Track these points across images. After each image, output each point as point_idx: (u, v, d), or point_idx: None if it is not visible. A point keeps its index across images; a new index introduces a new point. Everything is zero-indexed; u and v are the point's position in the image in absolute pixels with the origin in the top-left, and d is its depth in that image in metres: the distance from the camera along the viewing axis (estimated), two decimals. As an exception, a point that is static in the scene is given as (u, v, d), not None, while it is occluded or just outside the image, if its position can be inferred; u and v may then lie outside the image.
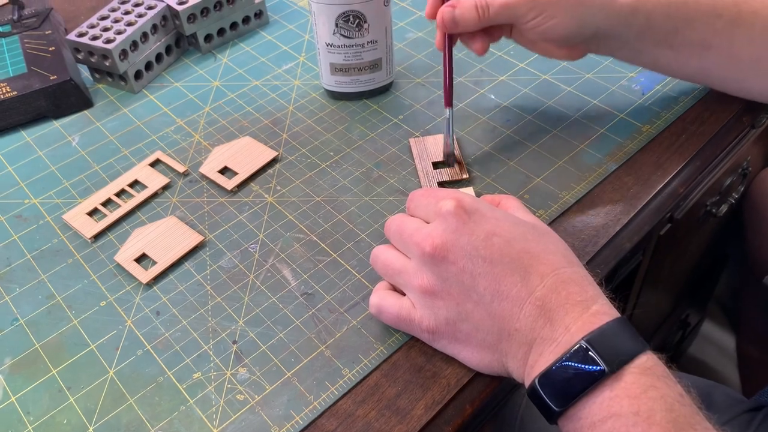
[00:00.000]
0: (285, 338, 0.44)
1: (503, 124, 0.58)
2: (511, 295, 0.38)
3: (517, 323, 0.37)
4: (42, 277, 0.49)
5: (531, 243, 0.39)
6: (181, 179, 0.56)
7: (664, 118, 0.58)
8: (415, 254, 0.41)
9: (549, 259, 0.39)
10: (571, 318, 0.36)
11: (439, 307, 0.40)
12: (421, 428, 0.40)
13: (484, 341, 0.39)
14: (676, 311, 1.01)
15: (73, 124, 0.62)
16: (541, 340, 0.37)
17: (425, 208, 0.42)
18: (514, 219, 0.41)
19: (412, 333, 0.43)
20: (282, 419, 0.40)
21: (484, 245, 0.39)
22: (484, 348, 0.40)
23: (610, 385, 0.34)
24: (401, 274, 0.42)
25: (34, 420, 0.41)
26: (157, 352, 0.44)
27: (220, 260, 0.49)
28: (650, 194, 0.52)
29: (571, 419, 0.35)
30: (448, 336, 0.41)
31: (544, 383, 0.36)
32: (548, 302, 0.37)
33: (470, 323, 0.39)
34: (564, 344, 0.36)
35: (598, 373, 0.34)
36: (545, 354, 0.36)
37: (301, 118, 0.61)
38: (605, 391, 0.34)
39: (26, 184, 0.56)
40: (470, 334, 0.40)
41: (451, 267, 0.39)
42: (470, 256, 0.39)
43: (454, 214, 0.40)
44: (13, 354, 0.45)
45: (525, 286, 0.38)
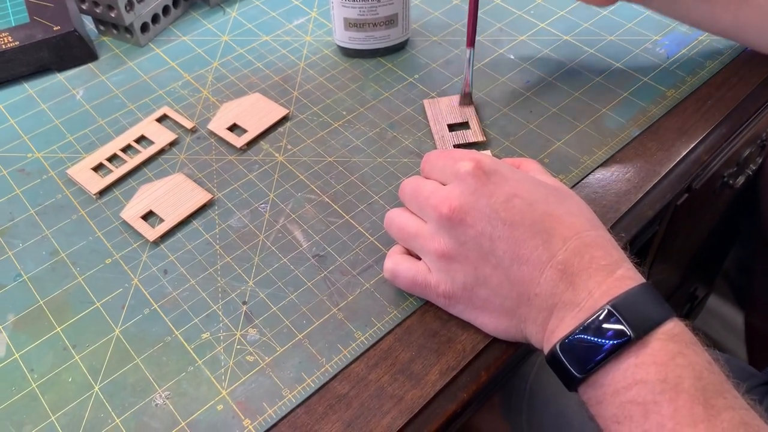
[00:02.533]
0: (296, 300, 0.43)
1: (523, 85, 0.56)
2: (532, 258, 0.36)
3: (537, 288, 0.36)
4: (46, 232, 0.48)
5: (553, 205, 0.38)
6: (188, 136, 0.54)
7: (690, 83, 0.56)
8: (432, 217, 0.39)
9: (572, 221, 0.37)
10: (595, 282, 0.35)
11: (456, 272, 0.39)
12: (436, 394, 0.39)
13: (502, 306, 0.38)
14: (684, 284, 1.00)
15: (77, 77, 0.60)
16: (562, 305, 0.35)
17: (442, 169, 0.41)
18: (535, 181, 0.40)
19: (428, 298, 0.42)
20: (293, 381, 0.39)
21: (504, 207, 0.37)
22: (502, 313, 0.39)
23: (636, 351, 0.33)
24: (417, 238, 0.40)
25: (39, 377, 0.40)
26: (164, 311, 0.43)
27: (229, 219, 0.48)
28: (674, 161, 0.50)
29: (592, 386, 0.34)
30: (465, 301, 0.40)
31: (566, 349, 0.34)
32: (570, 266, 0.35)
33: (488, 288, 0.38)
34: (587, 309, 0.34)
35: (623, 339, 0.33)
36: (566, 319, 0.35)
37: (312, 75, 0.59)
38: (630, 358, 0.33)
39: (29, 138, 0.55)
40: (488, 299, 0.39)
41: (470, 230, 0.37)
42: (489, 218, 0.37)
43: (472, 174, 0.38)
44: (17, 310, 0.44)
45: (546, 249, 0.36)
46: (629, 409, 0.32)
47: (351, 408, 0.38)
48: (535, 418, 0.60)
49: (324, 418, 0.38)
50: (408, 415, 0.38)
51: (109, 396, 0.39)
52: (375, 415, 0.38)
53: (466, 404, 0.39)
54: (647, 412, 0.31)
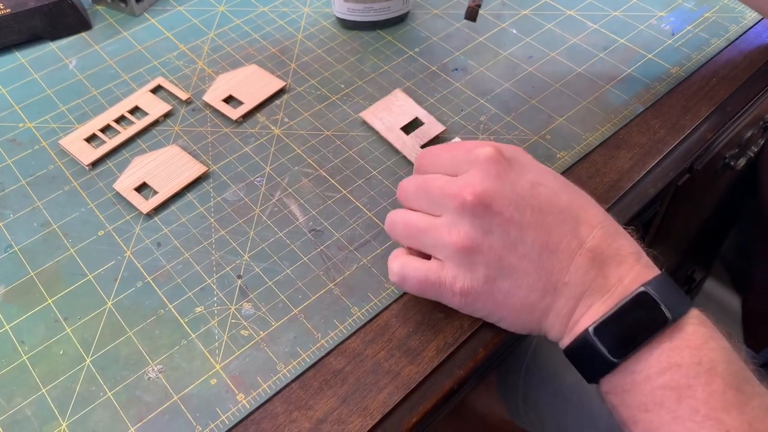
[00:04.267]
0: (292, 274, 0.42)
1: (525, 60, 0.55)
2: (561, 246, 0.35)
3: (567, 276, 0.35)
4: (37, 203, 0.47)
5: (574, 194, 0.37)
6: (183, 107, 0.53)
7: (695, 60, 0.55)
8: (451, 208, 0.36)
9: (594, 210, 0.37)
10: (625, 269, 0.34)
11: (478, 264, 0.35)
12: (433, 370, 0.38)
13: (526, 299, 0.35)
14: (682, 267, 0.99)
15: (71, 47, 0.59)
16: (591, 292, 0.34)
17: (451, 161, 0.38)
18: (550, 169, 0.39)
19: (442, 298, 0.38)
20: (288, 356, 0.39)
21: (530, 194, 0.35)
22: (524, 307, 0.36)
23: (671, 334, 0.32)
24: (429, 233, 0.37)
25: (29, 350, 0.40)
26: (157, 284, 0.42)
27: (224, 192, 0.47)
28: (678, 139, 0.50)
29: (621, 373, 0.33)
30: (484, 296, 0.36)
31: (601, 333, 0.33)
32: (600, 253, 0.35)
33: (512, 280, 0.35)
34: (619, 294, 0.34)
35: (661, 321, 0.32)
36: (596, 305, 0.34)
37: (310, 47, 0.58)
38: (665, 342, 0.32)
39: (21, 108, 0.53)
40: (510, 292, 0.36)
41: (497, 217, 0.35)
42: (518, 205, 0.35)
43: (494, 160, 0.36)
44: (7, 282, 0.43)
45: (575, 236, 0.35)
46: (661, 395, 0.31)
47: (346, 383, 0.38)
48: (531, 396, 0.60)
49: (319, 393, 0.37)
50: (404, 391, 0.37)
51: (100, 369, 0.39)
52: (371, 390, 0.37)
53: (463, 381, 0.39)
54: (680, 397, 0.31)
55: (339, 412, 0.37)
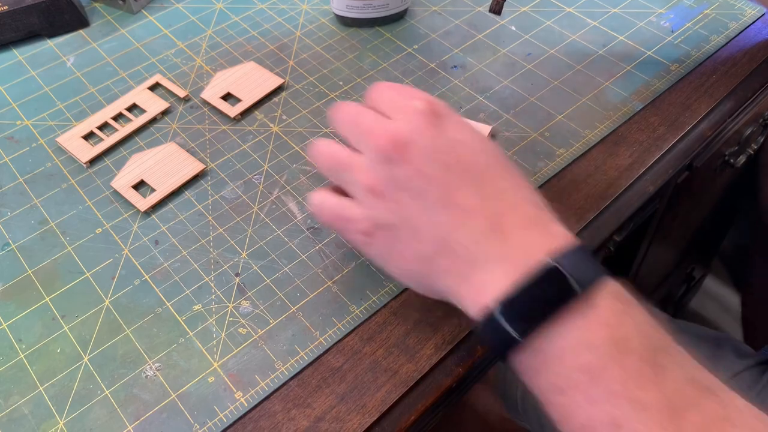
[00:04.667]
0: (290, 272, 0.42)
1: (524, 57, 0.55)
2: (462, 205, 0.33)
3: (463, 237, 0.33)
4: (35, 201, 0.47)
5: (493, 160, 0.35)
6: (181, 105, 0.53)
7: (694, 58, 0.54)
8: (369, 148, 0.35)
9: (511, 179, 0.35)
10: (531, 237, 0.32)
11: (382, 209, 0.35)
12: (431, 368, 0.38)
13: (419, 252, 0.34)
14: (681, 265, 0.99)
15: (68, 44, 0.58)
16: (492, 259, 0.32)
17: (390, 102, 0.37)
18: (485, 138, 0.37)
19: (347, 235, 0.38)
20: (286, 354, 0.39)
21: (446, 150, 0.34)
22: (418, 260, 0.35)
23: (582, 311, 0.30)
24: (348, 169, 0.36)
25: (27, 348, 0.39)
26: (155, 282, 0.42)
27: (222, 190, 0.47)
28: (677, 136, 0.49)
29: (531, 352, 0.31)
30: (383, 243, 0.36)
31: (506, 309, 0.31)
32: (503, 218, 0.33)
33: (410, 230, 0.34)
34: (522, 264, 0.31)
35: (569, 295, 0.30)
36: (498, 275, 0.32)
37: (308, 44, 0.57)
38: (577, 319, 0.30)
39: (18, 105, 0.53)
40: (407, 243, 0.35)
41: (407, 167, 0.34)
42: (429, 158, 0.34)
43: (423, 113, 0.35)
44: (5, 280, 0.43)
45: (479, 197, 0.33)
46: (574, 376, 0.29)
47: (345, 381, 0.38)
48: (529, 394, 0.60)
49: (317, 391, 0.37)
50: (402, 389, 0.37)
51: (98, 367, 0.39)
52: (369, 388, 0.37)
53: (462, 379, 0.39)
54: (595, 378, 0.29)
55: (337, 410, 0.37)
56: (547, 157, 0.48)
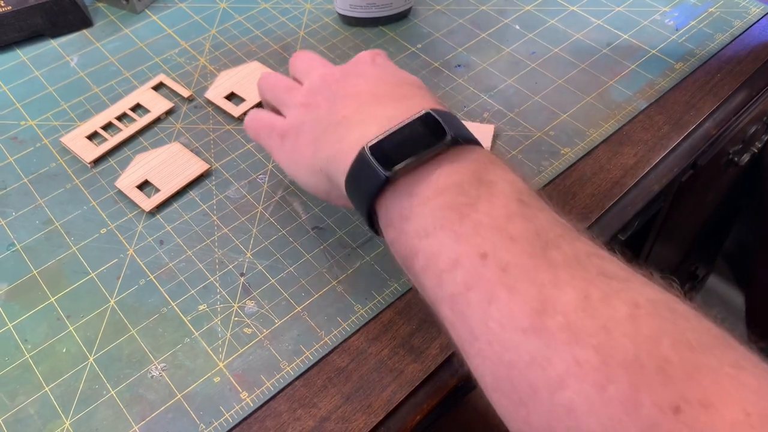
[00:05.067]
0: (295, 272, 0.42)
1: (528, 56, 0.55)
2: (356, 94, 0.35)
3: (348, 110, 0.35)
4: (39, 201, 0.47)
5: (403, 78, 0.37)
6: (185, 104, 0.53)
7: (699, 56, 0.54)
8: (312, 77, 0.39)
9: (416, 89, 0.36)
10: (410, 102, 0.33)
11: (303, 116, 0.38)
12: (436, 368, 0.38)
13: (314, 138, 0.37)
14: (685, 263, 0.99)
15: (72, 44, 0.58)
16: (368, 117, 0.33)
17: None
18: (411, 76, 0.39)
19: (267, 140, 0.41)
20: (291, 354, 0.39)
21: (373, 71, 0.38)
22: (311, 144, 0.37)
23: (451, 157, 0.30)
24: (288, 92, 0.41)
25: (32, 348, 0.40)
26: (160, 282, 0.42)
27: (226, 190, 0.47)
28: (682, 135, 0.49)
29: (400, 196, 0.30)
30: (291, 141, 0.39)
31: (377, 149, 0.31)
32: (386, 92, 0.35)
33: (314, 124, 0.37)
34: (398, 117, 0.32)
35: (439, 135, 0.30)
36: (372, 128, 0.32)
37: (312, 44, 0.57)
38: (445, 163, 0.30)
39: (22, 105, 0.53)
40: (307, 134, 0.37)
41: (335, 84, 0.38)
42: (354, 74, 0.38)
43: (366, 55, 0.40)
44: (10, 280, 0.43)
45: (370, 85, 0.36)
46: (442, 216, 0.29)
47: (350, 381, 0.38)
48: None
49: (323, 391, 0.37)
50: (408, 389, 0.37)
51: (103, 367, 0.39)
52: (374, 388, 0.37)
53: (467, 379, 0.39)
54: (462, 215, 0.29)
55: (343, 410, 0.37)
56: (551, 156, 0.48)
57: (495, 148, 0.48)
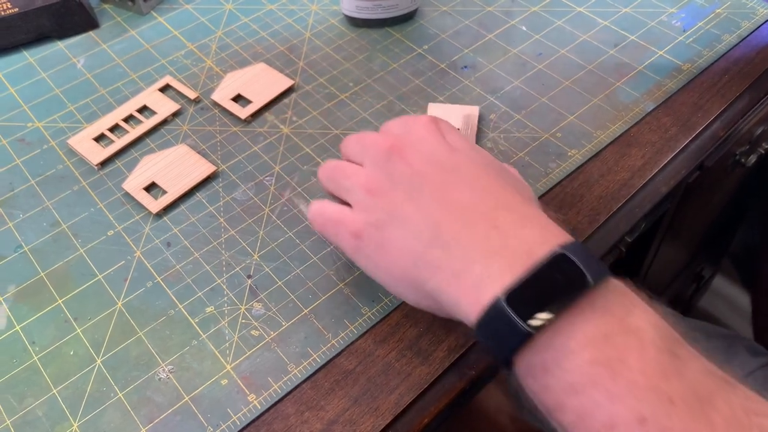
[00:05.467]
0: (302, 274, 0.42)
1: (535, 57, 0.55)
2: (459, 203, 0.33)
3: (456, 231, 0.32)
4: (47, 203, 0.47)
5: (495, 168, 0.36)
6: (192, 106, 0.53)
7: (706, 57, 0.54)
8: (370, 154, 0.37)
9: (508, 187, 0.35)
10: (529, 232, 0.31)
11: (377, 208, 0.35)
12: (444, 370, 0.38)
13: (410, 249, 0.33)
14: (691, 264, 0.99)
15: (78, 46, 0.58)
16: (487, 254, 0.31)
17: (397, 125, 0.39)
18: (485, 153, 0.38)
19: (338, 241, 0.37)
20: (299, 356, 0.38)
21: (445, 154, 0.36)
22: (407, 256, 0.34)
23: (592, 303, 0.28)
24: (350, 177, 0.37)
25: (40, 350, 0.40)
26: (167, 284, 0.42)
27: (233, 192, 0.47)
28: (690, 137, 0.49)
29: (539, 350, 0.28)
30: (374, 242, 0.35)
31: (514, 299, 0.28)
32: (499, 216, 0.32)
33: (402, 228, 0.34)
34: (524, 257, 0.30)
35: (581, 284, 0.28)
36: (496, 268, 0.30)
37: (318, 45, 0.57)
38: (587, 311, 0.28)
39: (29, 107, 0.53)
40: (398, 240, 0.34)
41: (405, 167, 0.35)
42: (429, 159, 0.35)
43: (425, 125, 0.37)
44: (18, 282, 0.43)
45: (477, 197, 0.33)
46: (591, 372, 0.27)
47: (358, 384, 0.38)
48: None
49: (330, 394, 0.37)
50: (416, 392, 0.37)
51: (111, 370, 0.39)
52: (382, 391, 0.37)
53: (475, 381, 0.39)
54: (614, 372, 0.27)
55: (350, 413, 0.36)
56: (558, 158, 0.47)
57: (500, 151, 0.48)
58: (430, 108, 0.51)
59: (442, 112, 0.50)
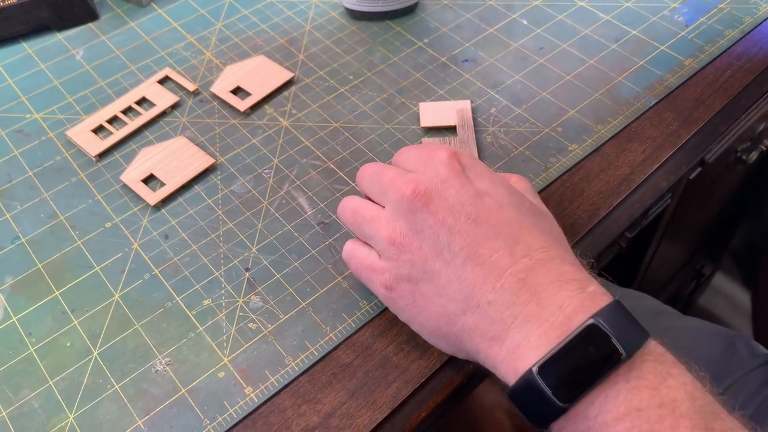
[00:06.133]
0: (300, 267, 0.42)
1: (536, 52, 0.55)
2: (490, 261, 0.32)
3: (491, 294, 0.32)
4: (44, 195, 0.47)
5: (525, 214, 0.35)
6: (191, 98, 0.53)
7: (708, 52, 0.54)
8: (392, 200, 0.35)
9: (541, 235, 0.34)
10: (565, 296, 0.31)
11: (405, 261, 0.35)
12: (442, 364, 0.38)
13: (445, 309, 0.34)
14: (691, 261, 0.98)
15: (77, 37, 0.58)
16: (524, 320, 0.31)
17: (415, 159, 0.37)
18: (513, 189, 0.36)
19: (371, 286, 0.37)
20: (296, 349, 0.38)
21: (471, 202, 0.34)
22: (442, 317, 0.34)
23: (626, 374, 0.29)
24: (371, 222, 0.36)
25: (36, 342, 0.39)
26: (165, 276, 0.42)
27: (232, 185, 0.47)
28: (691, 132, 0.49)
29: (573, 420, 0.29)
30: (406, 297, 0.35)
31: (546, 373, 0.29)
32: (535, 276, 0.32)
33: (434, 285, 0.34)
34: (560, 326, 0.30)
35: (614, 359, 0.29)
36: (533, 336, 0.30)
37: (318, 38, 0.57)
38: (620, 382, 0.29)
39: (27, 98, 0.53)
40: (430, 298, 0.34)
41: (429, 218, 0.34)
42: (453, 209, 0.34)
43: (446, 163, 0.35)
44: (15, 273, 0.43)
45: (508, 254, 0.32)
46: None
47: (355, 377, 0.37)
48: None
49: (327, 387, 0.37)
50: (413, 386, 0.37)
51: (108, 361, 0.38)
52: (380, 384, 0.37)
53: (472, 375, 0.38)
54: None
55: (347, 406, 0.36)
56: (559, 153, 0.47)
57: (500, 145, 0.48)
58: (422, 108, 0.50)
59: (434, 110, 0.50)
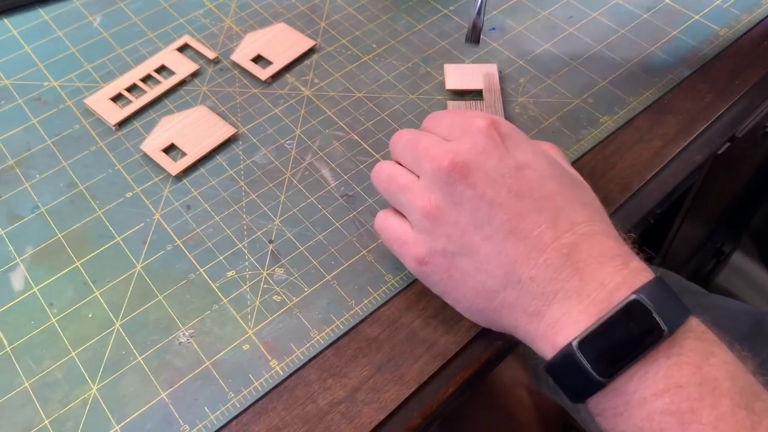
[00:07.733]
0: (324, 240, 0.41)
1: (566, 20, 0.53)
2: (532, 235, 0.32)
3: (533, 270, 0.31)
4: (63, 164, 0.46)
5: (566, 186, 0.34)
6: (211, 67, 0.51)
7: (744, 22, 0.52)
8: (427, 170, 0.34)
9: (583, 209, 0.33)
10: (608, 272, 0.30)
11: (440, 235, 0.34)
12: (470, 340, 0.37)
13: (483, 284, 0.33)
14: (712, 239, 0.97)
15: (95, 4, 0.57)
16: (565, 295, 0.30)
17: (449, 125, 0.36)
18: (552, 158, 0.35)
19: (403, 260, 0.37)
20: (321, 323, 0.38)
21: (512, 174, 0.33)
22: (480, 293, 0.33)
23: (666, 350, 0.28)
24: (405, 192, 0.35)
25: (58, 312, 0.39)
26: (187, 247, 0.41)
27: (254, 155, 0.46)
28: (726, 105, 0.47)
29: (611, 394, 0.29)
30: (440, 271, 0.34)
31: (587, 347, 0.29)
32: (578, 251, 0.31)
33: (472, 260, 0.33)
34: (601, 301, 0.30)
35: (656, 334, 0.28)
36: (574, 311, 0.30)
37: (340, 5, 0.55)
38: (661, 358, 0.28)
39: (45, 66, 0.52)
40: (468, 273, 0.33)
41: (468, 191, 0.33)
42: (494, 182, 0.33)
43: (485, 133, 0.34)
44: (35, 243, 0.42)
45: (551, 229, 0.32)
46: (660, 421, 0.28)
47: (381, 351, 0.37)
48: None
49: (353, 361, 0.36)
50: (440, 361, 0.36)
51: (130, 333, 0.38)
52: (406, 359, 0.36)
53: (501, 351, 0.38)
54: (684, 422, 0.27)
55: (374, 381, 0.36)
56: (590, 125, 0.46)
57: (530, 116, 0.47)
58: (447, 69, 0.49)
59: (460, 74, 0.49)
